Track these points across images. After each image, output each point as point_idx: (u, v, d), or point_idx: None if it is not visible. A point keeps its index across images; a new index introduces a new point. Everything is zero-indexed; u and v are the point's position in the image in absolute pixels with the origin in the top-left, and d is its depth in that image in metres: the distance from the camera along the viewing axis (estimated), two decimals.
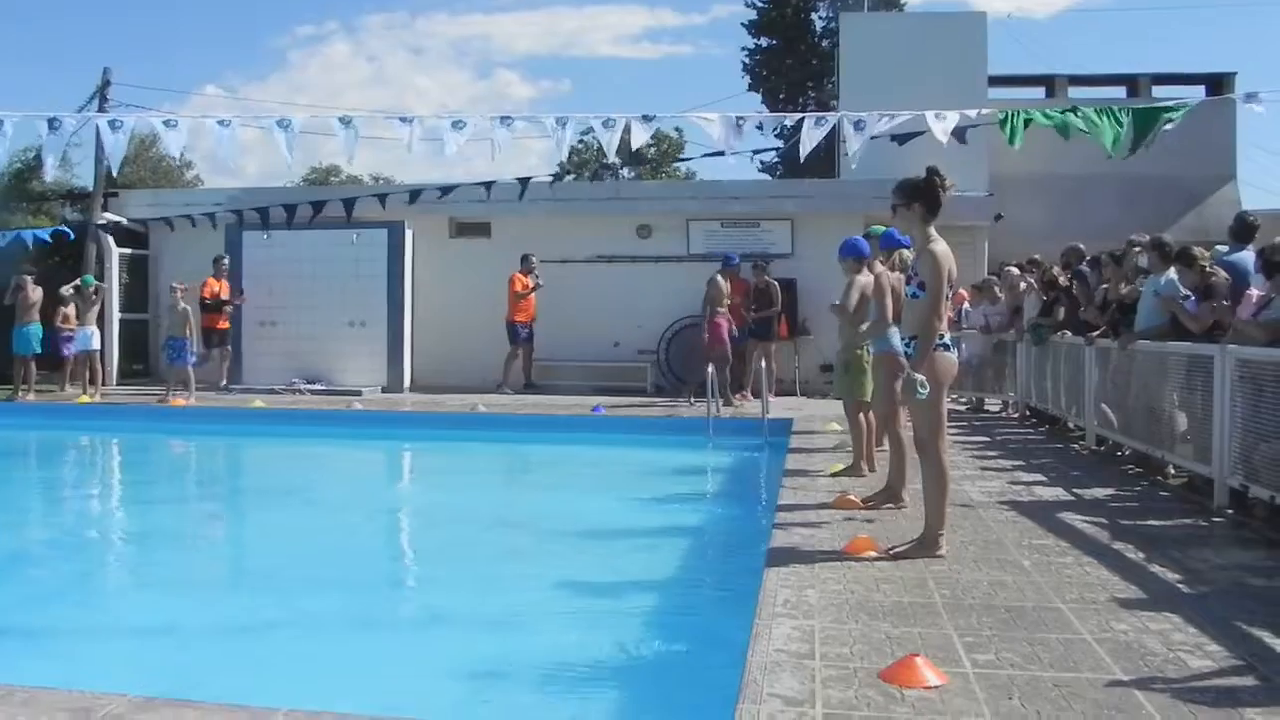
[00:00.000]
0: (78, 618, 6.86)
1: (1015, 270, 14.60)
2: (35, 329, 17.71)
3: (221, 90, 69.91)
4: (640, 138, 13.85)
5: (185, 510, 11.07)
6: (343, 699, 4.33)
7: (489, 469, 13.93)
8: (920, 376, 6.23)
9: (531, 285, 18.35)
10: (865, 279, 9.40)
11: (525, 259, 18.51)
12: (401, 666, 5.69)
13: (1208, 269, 9.10)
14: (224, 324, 18.63)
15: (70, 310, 17.76)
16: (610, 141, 13.55)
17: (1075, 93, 23.87)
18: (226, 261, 18.73)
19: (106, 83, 20.87)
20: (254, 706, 3.84)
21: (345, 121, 13.29)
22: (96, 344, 18.03)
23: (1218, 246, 10.51)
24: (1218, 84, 23.13)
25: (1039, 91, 24.53)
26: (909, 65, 19.00)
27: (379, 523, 10.57)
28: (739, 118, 13.65)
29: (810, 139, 13.16)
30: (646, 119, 13.49)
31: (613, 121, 13.19)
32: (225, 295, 18.60)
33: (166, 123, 13.29)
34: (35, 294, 17.80)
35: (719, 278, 16.11)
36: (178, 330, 17.38)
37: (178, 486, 12.79)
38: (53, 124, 12.82)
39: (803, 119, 13.79)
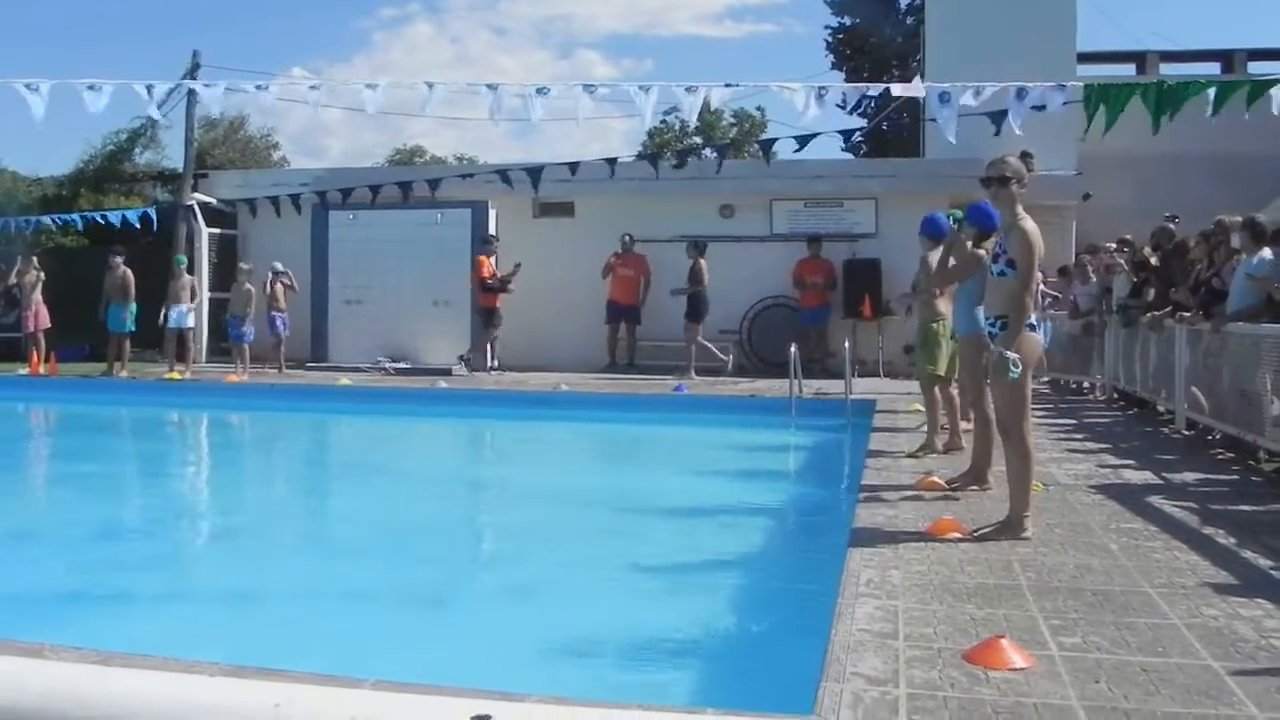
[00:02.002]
0: (169, 587, 7.03)
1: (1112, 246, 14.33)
2: (131, 308, 18.11)
3: (307, 72, 70.63)
4: (718, 97, 13.90)
5: (271, 485, 11.30)
6: (427, 671, 4.39)
7: (572, 448, 14.01)
8: (1013, 355, 6.18)
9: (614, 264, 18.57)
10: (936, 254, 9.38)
11: (621, 239, 18.76)
12: (483, 639, 5.75)
13: None
14: (499, 303, 18.55)
15: (279, 290, 18.06)
16: (693, 105, 13.58)
17: (1167, 69, 23.38)
18: (497, 241, 18.64)
19: (196, 65, 21.20)
20: (343, 676, 3.91)
21: (430, 86, 13.48)
22: (190, 322, 18.38)
23: None
24: None
25: (1129, 68, 24.06)
26: (996, 42, 18.69)
27: (462, 500, 10.69)
28: (821, 88, 13.57)
29: (897, 93, 13.01)
30: (728, 86, 13.51)
31: (695, 88, 13.22)
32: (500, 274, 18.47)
33: (258, 86, 13.54)
34: (129, 274, 18.19)
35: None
36: (239, 309, 17.76)
37: (264, 462, 13.04)
38: (150, 90, 13.09)
39: (887, 88, 13.69)
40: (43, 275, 18.70)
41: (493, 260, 18.41)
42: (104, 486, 10.94)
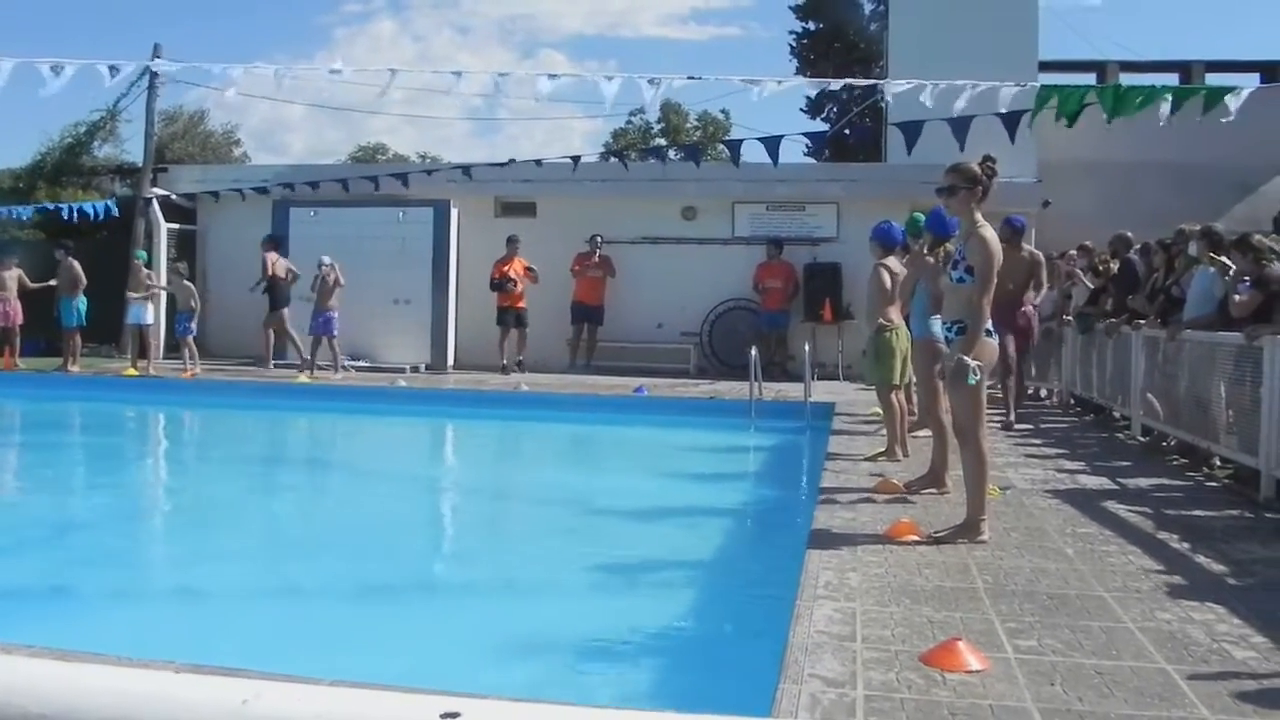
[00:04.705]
0: (126, 586, 6.96)
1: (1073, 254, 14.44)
2: (80, 301, 17.94)
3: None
4: (682, 92, 14.08)
5: (227, 484, 11.16)
6: (383, 670, 4.38)
7: (531, 448, 13.99)
8: (975, 363, 6.22)
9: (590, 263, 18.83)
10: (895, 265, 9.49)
11: (590, 240, 18.90)
12: (442, 639, 5.74)
13: (1264, 259, 8.94)
14: (520, 304, 18.54)
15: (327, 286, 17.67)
16: (653, 99, 13.66)
17: (1127, 78, 23.59)
18: (519, 242, 18.64)
19: (156, 58, 21.00)
20: (301, 676, 3.89)
21: (392, 72, 13.44)
22: (149, 319, 18.18)
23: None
24: (1272, 71, 22.82)
25: (1090, 77, 24.26)
26: (958, 47, 18.80)
27: (420, 499, 10.65)
28: (780, 82, 13.69)
29: (854, 98, 13.16)
30: (691, 79, 13.58)
31: (658, 80, 13.27)
32: (513, 274, 18.47)
33: (221, 84, 13.48)
34: (75, 267, 18.03)
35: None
36: (182, 305, 17.70)
37: (221, 461, 12.89)
38: (113, 70, 12.97)
39: (847, 84, 13.81)
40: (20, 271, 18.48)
41: (511, 262, 18.51)
42: (57, 483, 10.83)
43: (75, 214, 20.40)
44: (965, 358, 6.24)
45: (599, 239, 18.85)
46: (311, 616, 6.15)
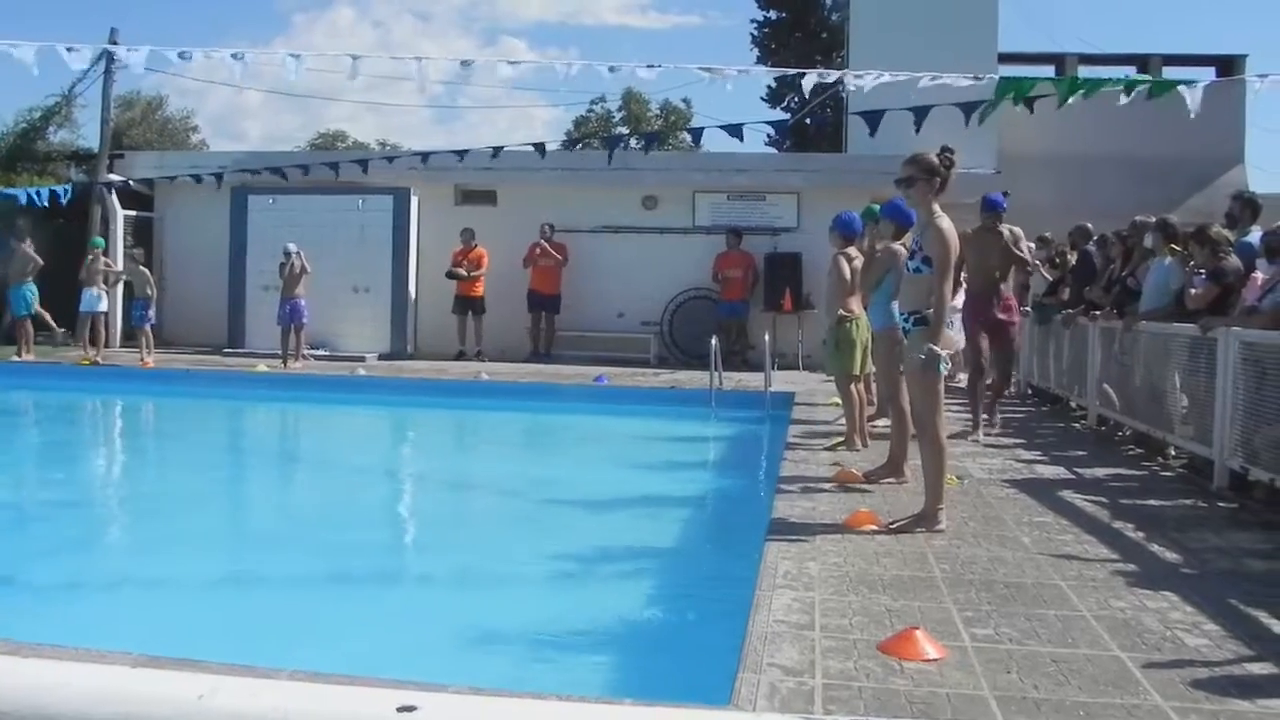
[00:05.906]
0: (78, 576, 6.89)
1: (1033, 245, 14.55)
2: (29, 289, 17.71)
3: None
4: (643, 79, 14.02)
5: (183, 473, 11.06)
6: (344, 660, 4.36)
7: (491, 437, 13.94)
8: (944, 352, 6.25)
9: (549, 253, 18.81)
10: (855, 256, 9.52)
11: (541, 228, 18.88)
12: (401, 629, 5.72)
13: (1221, 251, 9.00)
14: (474, 292, 18.83)
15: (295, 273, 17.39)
16: (613, 81, 13.74)
17: (1085, 71, 23.75)
18: (474, 236, 18.89)
19: (113, 43, 20.77)
20: (259, 667, 3.86)
21: (354, 58, 13.29)
22: (103, 306, 17.98)
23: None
24: (1228, 65, 23.03)
25: (1049, 69, 24.42)
26: (919, 38, 18.88)
27: (379, 488, 10.61)
28: (740, 71, 13.69)
29: (811, 85, 13.17)
30: (651, 68, 13.56)
31: (618, 68, 13.26)
32: (464, 267, 18.70)
33: (181, 54, 13.25)
34: (28, 253, 17.83)
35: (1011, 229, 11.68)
36: (139, 292, 17.59)
37: (177, 450, 12.77)
38: (71, 50, 12.78)
39: (802, 73, 13.82)
40: None
41: (468, 253, 18.69)
42: (8, 474, 10.70)
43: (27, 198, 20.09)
44: (934, 347, 6.26)
45: (547, 227, 18.81)
46: (270, 606, 6.12)
